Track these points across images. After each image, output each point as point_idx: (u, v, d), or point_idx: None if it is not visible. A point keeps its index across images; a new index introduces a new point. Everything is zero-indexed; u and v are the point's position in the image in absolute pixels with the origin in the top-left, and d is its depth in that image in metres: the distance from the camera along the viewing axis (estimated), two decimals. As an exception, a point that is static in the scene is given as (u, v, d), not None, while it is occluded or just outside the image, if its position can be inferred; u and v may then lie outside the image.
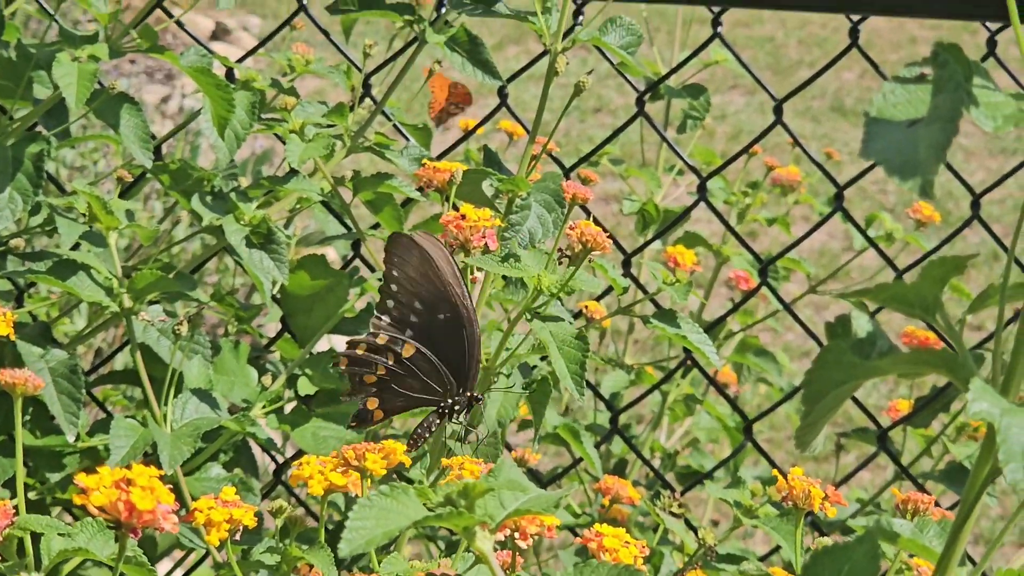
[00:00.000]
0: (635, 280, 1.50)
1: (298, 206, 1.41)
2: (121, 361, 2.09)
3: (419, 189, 1.31)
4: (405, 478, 1.25)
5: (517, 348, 1.07)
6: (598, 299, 1.50)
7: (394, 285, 0.99)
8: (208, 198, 1.33)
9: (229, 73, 1.41)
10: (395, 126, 1.46)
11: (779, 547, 1.32)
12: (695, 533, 1.15)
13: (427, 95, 1.60)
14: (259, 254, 1.29)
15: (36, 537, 0.86)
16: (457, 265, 0.99)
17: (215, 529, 0.85)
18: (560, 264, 1.04)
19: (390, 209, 1.41)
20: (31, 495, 1.36)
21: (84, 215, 1.26)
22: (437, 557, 0.90)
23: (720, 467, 1.65)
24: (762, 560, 1.43)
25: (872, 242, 1.60)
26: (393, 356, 1.00)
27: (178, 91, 3.47)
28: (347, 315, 1.40)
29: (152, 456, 1.21)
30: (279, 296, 1.43)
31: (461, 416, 1.02)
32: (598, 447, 1.61)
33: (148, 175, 1.39)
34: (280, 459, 1.50)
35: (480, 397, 1.03)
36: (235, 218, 1.30)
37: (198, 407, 1.22)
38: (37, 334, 1.28)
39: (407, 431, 1.59)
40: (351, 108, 1.37)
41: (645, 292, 1.17)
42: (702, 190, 1.54)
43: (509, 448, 1.44)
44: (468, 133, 1.57)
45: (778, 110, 1.52)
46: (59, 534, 0.84)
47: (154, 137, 1.41)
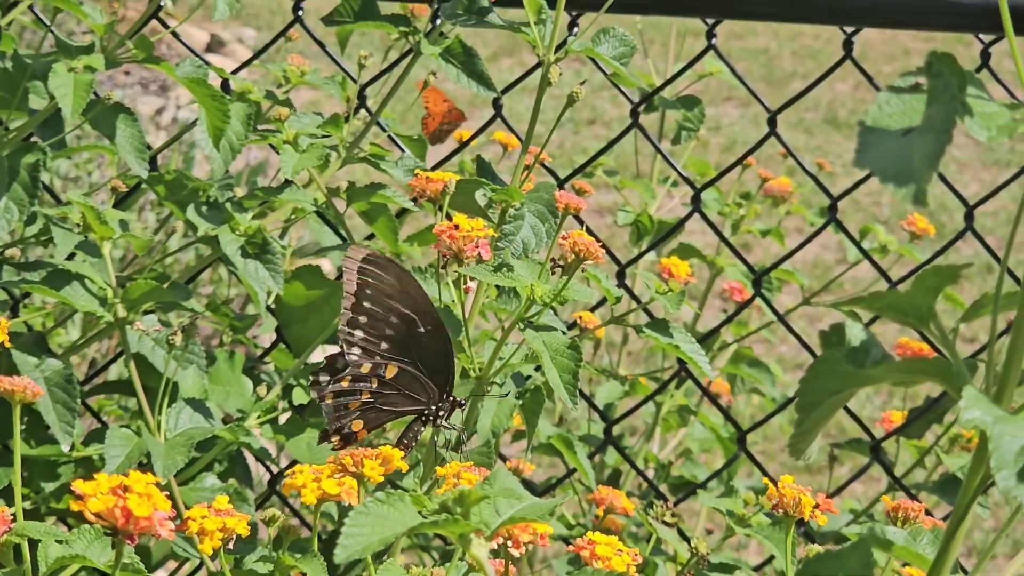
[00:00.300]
0: (629, 291, 1.50)
1: (293, 217, 1.41)
2: (116, 371, 2.09)
3: (413, 200, 1.32)
4: (398, 487, 1.25)
5: (510, 358, 1.07)
6: (592, 310, 1.50)
7: (367, 302, 0.99)
8: (203, 208, 1.33)
9: (224, 84, 1.41)
10: (390, 137, 1.46)
11: (773, 557, 1.33)
12: (688, 543, 1.15)
13: (419, 105, 1.60)
14: (254, 264, 1.29)
15: (33, 544, 0.86)
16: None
17: (208, 538, 0.85)
18: (553, 274, 1.04)
19: (385, 220, 1.42)
20: (26, 504, 1.36)
21: (79, 225, 1.27)
22: (431, 567, 0.90)
23: (714, 477, 1.65)
24: (756, 570, 1.43)
25: (866, 254, 1.60)
26: (377, 380, 1.00)
27: (172, 103, 3.47)
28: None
29: (147, 466, 1.21)
30: (274, 306, 1.44)
31: (446, 421, 1.03)
32: (592, 458, 1.62)
33: (143, 186, 1.39)
34: (275, 469, 1.50)
35: (463, 401, 1.03)
36: (230, 228, 1.30)
37: (192, 417, 1.22)
38: (32, 344, 1.28)
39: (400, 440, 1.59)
40: (346, 119, 1.38)
41: (638, 302, 1.18)
42: (696, 201, 1.54)
43: (503, 459, 1.44)
44: (463, 145, 1.57)
45: (772, 122, 1.53)
46: (56, 541, 0.84)
47: (149, 148, 1.42)
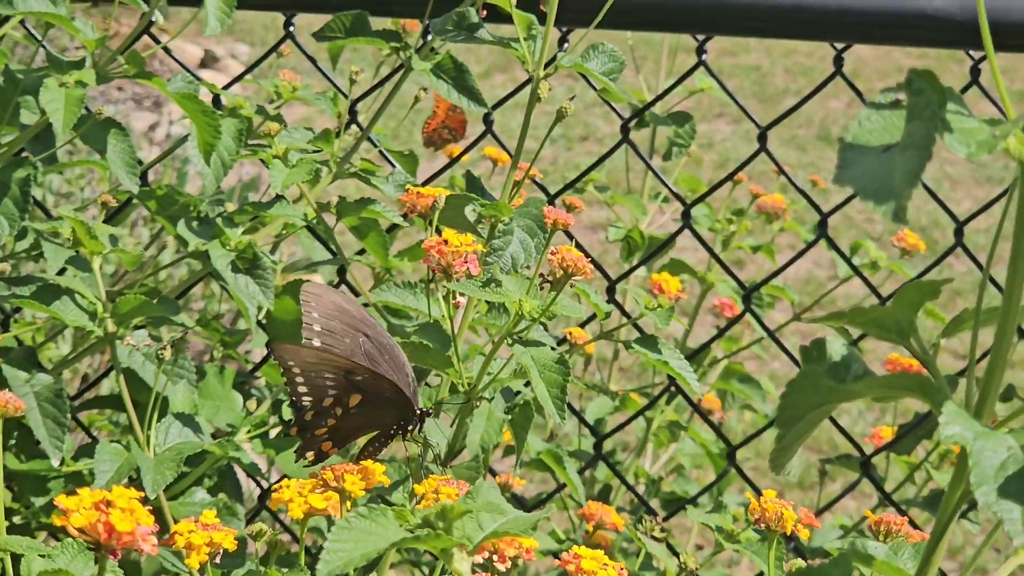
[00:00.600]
0: (619, 307, 1.50)
1: (284, 232, 1.41)
2: (107, 386, 2.09)
3: (404, 215, 1.32)
4: (388, 503, 1.25)
5: (499, 373, 1.07)
6: (583, 325, 1.51)
7: (317, 325, 1.00)
8: (194, 223, 1.33)
9: (216, 100, 1.41)
10: (381, 152, 1.46)
11: (763, 573, 1.33)
12: (678, 558, 1.15)
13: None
14: (244, 279, 1.30)
15: (16, 558, 0.86)
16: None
17: (195, 552, 0.85)
18: (542, 289, 1.04)
19: (375, 235, 1.42)
20: (16, 519, 1.36)
21: (69, 240, 1.27)
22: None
23: (704, 493, 1.65)
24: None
25: (856, 270, 1.61)
26: (339, 408, 1.00)
27: (166, 118, 3.47)
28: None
29: (137, 480, 1.21)
30: (265, 321, 1.44)
31: (416, 433, 1.03)
32: (582, 473, 1.62)
33: (134, 201, 1.39)
34: (265, 484, 1.50)
35: (430, 411, 1.03)
36: (221, 243, 1.30)
37: (181, 431, 1.22)
38: (22, 358, 1.28)
39: (392, 456, 1.59)
40: (337, 134, 1.38)
41: (628, 317, 1.18)
42: (686, 217, 1.55)
43: (494, 473, 1.44)
44: (453, 160, 1.58)
45: (762, 138, 1.53)
46: (40, 555, 0.84)
47: (140, 163, 1.42)
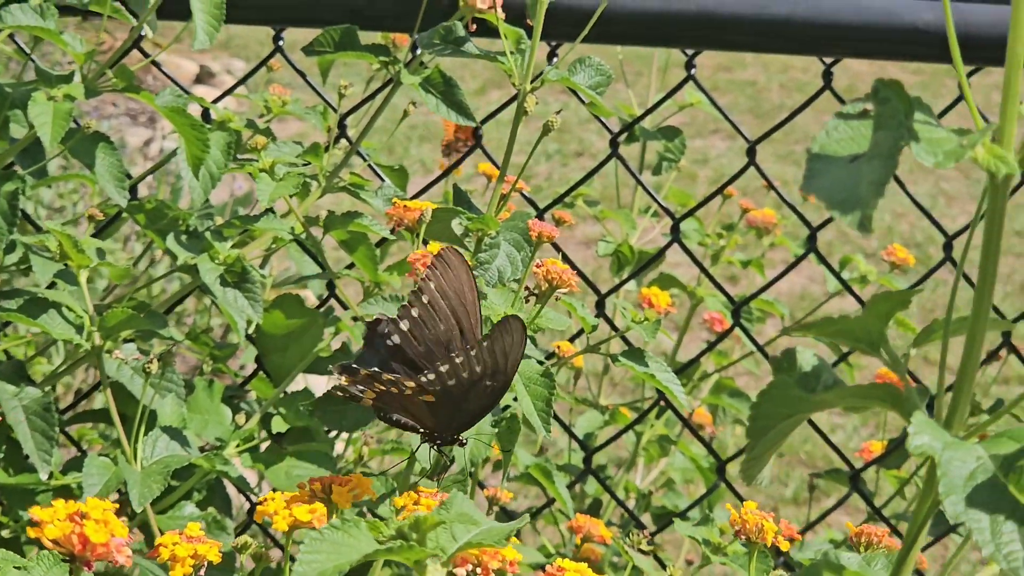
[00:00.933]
0: (609, 320, 1.50)
1: (274, 246, 1.41)
2: (100, 400, 2.09)
3: (391, 229, 1.32)
4: (377, 515, 1.25)
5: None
6: (573, 339, 1.51)
7: (425, 296, 0.94)
8: (183, 237, 1.34)
9: (205, 114, 1.41)
10: (370, 166, 1.46)
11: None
12: (665, 570, 1.15)
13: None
14: (233, 293, 1.30)
15: (-8, 570, 0.86)
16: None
17: (179, 565, 0.85)
18: (527, 302, 1.05)
19: (364, 249, 1.42)
20: (5, 533, 1.36)
21: (57, 254, 1.27)
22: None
23: (694, 507, 1.65)
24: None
25: (846, 284, 1.61)
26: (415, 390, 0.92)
27: (160, 133, 3.48)
28: (322, 354, 1.41)
29: (125, 494, 1.21)
30: (255, 335, 1.44)
31: (437, 451, 1.01)
32: (572, 487, 1.62)
33: (124, 214, 1.40)
34: (255, 497, 1.50)
35: (465, 442, 1.01)
36: (210, 257, 1.30)
37: (168, 445, 1.22)
38: (11, 372, 1.28)
39: (383, 469, 1.59)
40: (326, 149, 1.38)
41: (616, 330, 1.18)
42: (675, 231, 1.55)
43: (483, 487, 1.44)
44: (444, 173, 1.58)
45: (751, 152, 1.54)
46: (15, 567, 0.84)
47: (130, 177, 1.42)
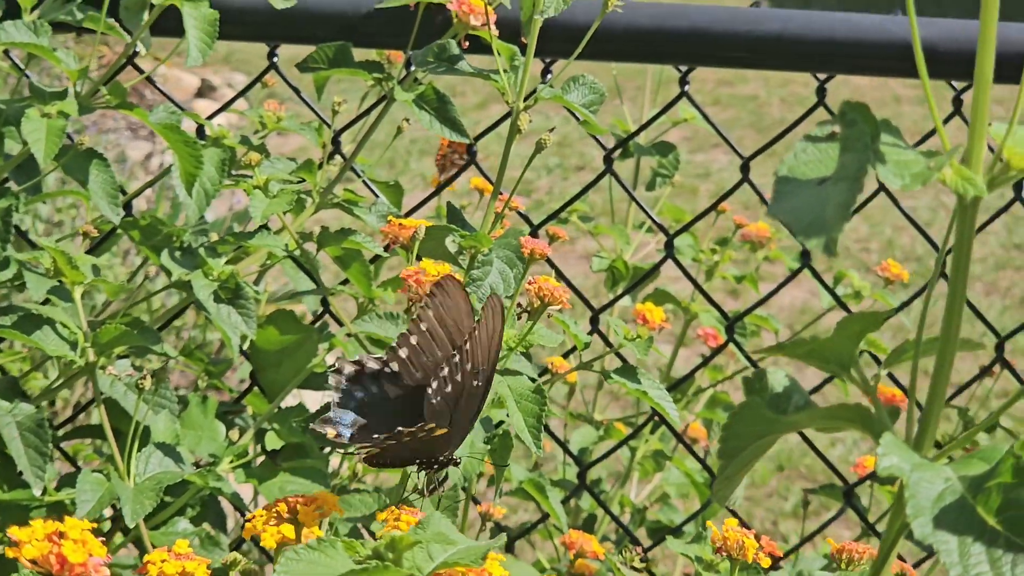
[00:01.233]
0: (604, 338, 1.50)
1: (269, 262, 1.42)
2: (97, 415, 2.09)
3: (386, 247, 1.32)
4: (371, 533, 1.25)
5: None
6: (566, 355, 1.51)
7: (424, 324, 0.94)
8: (177, 253, 1.34)
9: (200, 130, 1.42)
10: (364, 182, 1.47)
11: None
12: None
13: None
14: (227, 309, 1.30)
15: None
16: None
17: (168, 581, 0.85)
18: (519, 319, 1.05)
19: (358, 266, 1.42)
20: (-1, 550, 1.36)
21: (51, 270, 1.27)
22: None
23: (688, 522, 1.65)
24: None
25: (839, 299, 1.61)
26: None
27: (160, 147, 3.49)
28: (316, 370, 1.41)
29: (119, 510, 1.21)
30: (249, 351, 1.44)
31: (434, 473, 1.01)
32: (566, 502, 1.62)
33: (118, 230, 1.40)
34: (249, 514, 1.50)
35: (458, 461, 1.00)
36: (204, 273, 1.30)
37: (162, 461, 1.22)
38: (6, 388, 1.29)
39: (377, 486, 1.59)
40: (320, 165, 1.38)
41: (610, 346, 1.19)
42: (669, 247, 1.55)
43: (477, 502, 1.44)
44: (437, 190, 1.58)
45: (745, 168, 1.54)
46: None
47: (125, 192, 1.43)
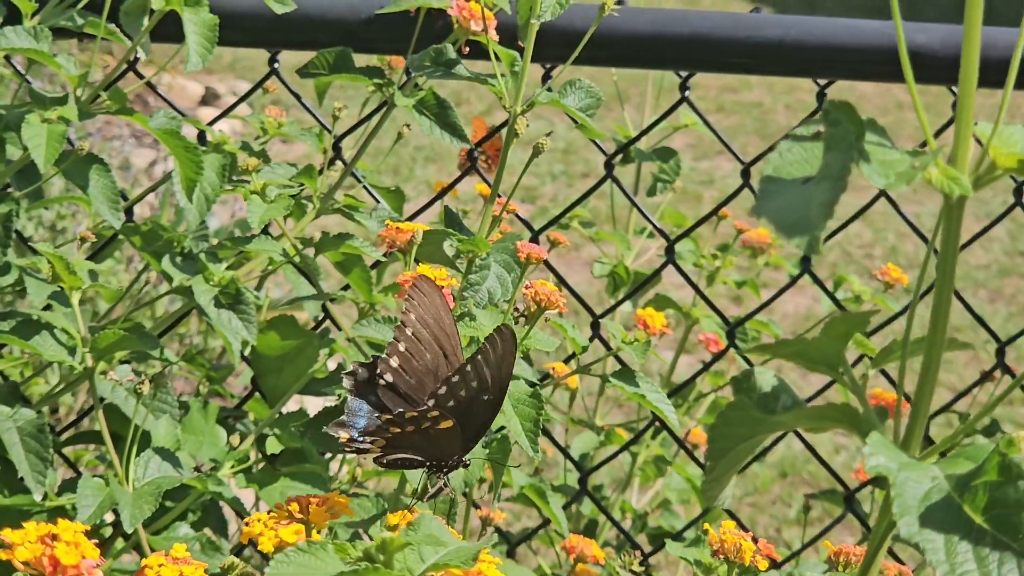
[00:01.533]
0: (604, 343, 1.50)
1: (270, 267, 1.42)
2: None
3: (385, 253, 1.32)
4: (371, 537, 1.25)
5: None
6: (567, 360, 1.51)
7: (409, 329, 0.94)
8: (178, 259, 1.34)
9: (201, 136, 1.42)
10: (365, 188, 1.47)
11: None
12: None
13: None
14: (228, 314, 1.30)
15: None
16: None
17: (165, 586, 0.85)
18: (517, 323, 1.05)
19: (359, 271, 1.42)
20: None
21: (50, 275, 1.27)
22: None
23: (690, 527, 1.65)
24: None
25: (839, 304, 1.61)
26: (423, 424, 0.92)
27: (164, 154, 3.49)
28: (317, 375, 1.41)
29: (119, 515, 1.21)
30: (250, 357, 1.44)
31: (444, 476, 1.01)
32: (567, 508, 1.62)
33: (120, 236, 1.40)
34: (247, 518, 1.50)
35: (468, 463, 1.00)
36: (204, 279, 1.31)
37: (161, 466, 1.22)
38: (7, 393, 1.29)
39: (379, 491, 1.59)
40: (321, 171, 1.39)
41: (609, 349, 1.19)
42: (670, 252, 1.55)
43: (477, 507, 1.44)
44: (438, 195, 1.58)
45: (746, 173, 1.54)
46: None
47: (127, 198, 1.43)
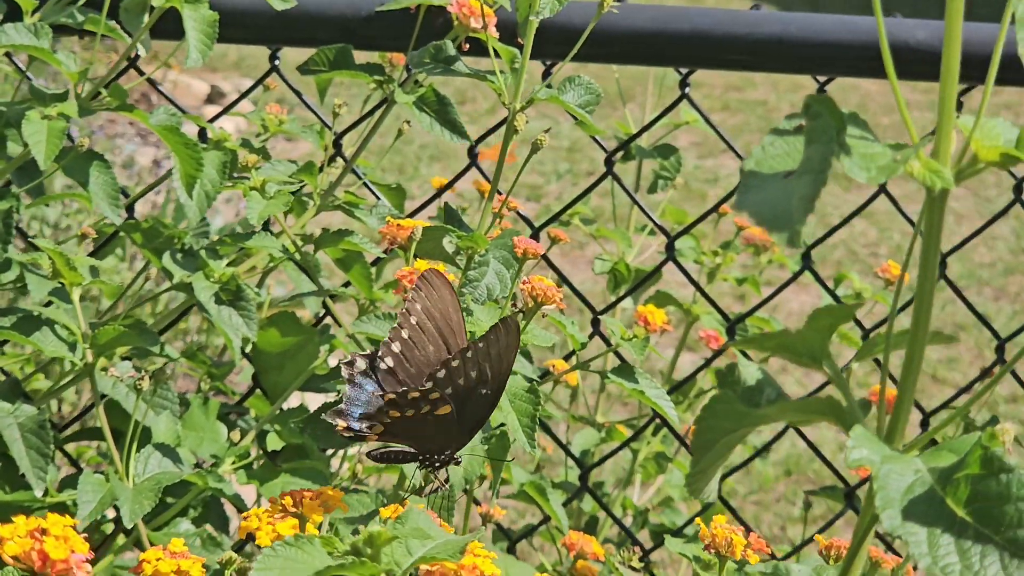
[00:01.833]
0: (605, 339, 1.51)
1: (270, 264, 1.42)
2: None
3: (385, 249, 1.33)
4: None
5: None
6: (567, 357, 1.51)
7: (413, 318, 0.93)
8: (179, 256, 1.34)
9: (202, 133, 1.42)
10: (366, 184, 1.47)
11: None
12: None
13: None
14: (228, 311, 1.30)
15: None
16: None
17: (162, 580, 0.85)
18: (515, 319, 1.05)
19: (359, 267, 1.42)
20: (1, 550, 1.36)
21: (50, 271, 1.28)
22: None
23: (689, 524, 1.65)
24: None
25: (839, 301, 1.61)
26: (425, 406, 0.92)
27: (167, 152, 3.49)
28: (318, 371, 1.41)
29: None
30: (251, 353, 1.44)
31: (436, 472, 1.01)
32: (568, 505, 1.62)
33: (121, 233, 1.40)
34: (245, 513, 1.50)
35: (459, 459, 1.01)
36: (205, 275, 1.31)
37: (161, 462, 1.22)
38: (8, 389, 1.29)
39: (380, 488, 1.59)
40: (321, 168, 1.39)
41: (608, 345, 1.19)
42: (671, 249, 1.55)
43: (477, 503, 1.45)
44: (439, 192, 1.58)
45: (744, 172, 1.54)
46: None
47: (128, 195, 1.43)
